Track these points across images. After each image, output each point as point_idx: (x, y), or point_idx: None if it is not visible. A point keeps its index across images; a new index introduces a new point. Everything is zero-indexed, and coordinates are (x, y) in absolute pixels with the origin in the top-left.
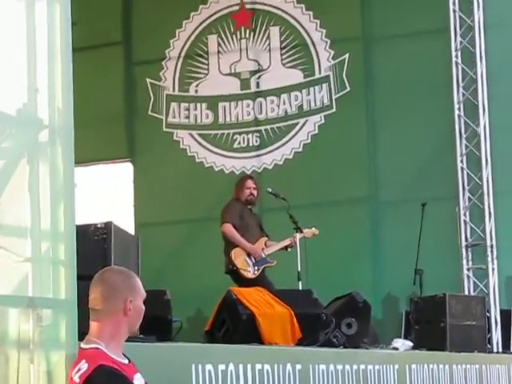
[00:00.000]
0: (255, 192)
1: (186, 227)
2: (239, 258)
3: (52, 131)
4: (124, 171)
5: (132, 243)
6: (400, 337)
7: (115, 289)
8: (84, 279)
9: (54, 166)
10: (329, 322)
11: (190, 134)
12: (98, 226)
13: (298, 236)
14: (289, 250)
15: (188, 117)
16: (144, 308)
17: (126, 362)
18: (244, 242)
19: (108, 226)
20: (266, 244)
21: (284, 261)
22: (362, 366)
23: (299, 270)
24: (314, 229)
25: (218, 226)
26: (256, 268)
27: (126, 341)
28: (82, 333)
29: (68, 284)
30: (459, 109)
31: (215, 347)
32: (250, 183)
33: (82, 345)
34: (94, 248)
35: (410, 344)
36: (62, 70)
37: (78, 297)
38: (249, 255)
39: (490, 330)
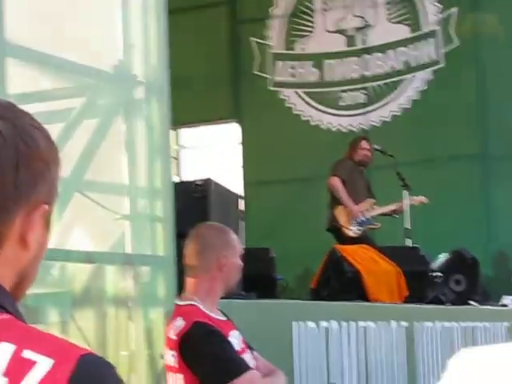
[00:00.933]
0: (369, 153)
1: (294, 185)
2: (343, 215)
3: (147, 88)
4: (231, 131)
5: (232, 200)
6: (511, 294)
7: (209, 245)
8: (184, 236)
9: (149, 122)
10: (436, 279)
11: (296, 92)
12: (198, 183)
13: (406, 201)
14: (395, 216)
15: (294, 75)
16: (241, 264)
17: (223, 318)
18: (347, 198)
19: (207, 182)
20: (372, 206)
21: (391, 219)
22: (470, 324)
23: (408, 227)
24: (422, 197)
25: (325, 185)
26: (359, 228)
27: (228, 297)
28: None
29: (166, 241)
30: None
31: (318, 304)
32: (364, 144)
33: (178, 301)
34: (194, 205)
35: None
36: (157, 27)
37: (178, 254)
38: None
39: None
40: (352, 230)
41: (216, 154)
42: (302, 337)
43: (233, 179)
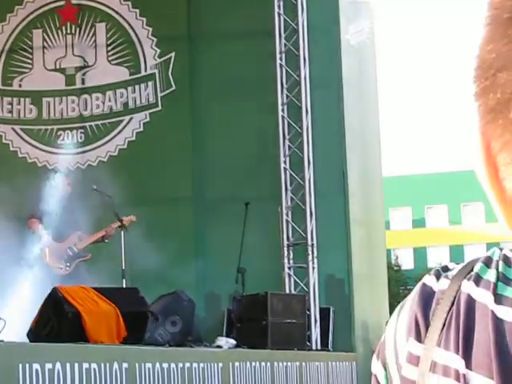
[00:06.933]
0: (70, 188)
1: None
2: (48, 255)
3: None
4: None
5: None
6: (222, 335)
7: None
8: None
9: None
10: (154, 320)
11: (13, 129)
12: None
13: (114, 225)
14: (106, 241)
15: (11, 111)
16: None
17: None
18: (47, 240)
19: None
20: (80, 238)
21: (108, 258)
22: (188, 365)
23: (123, 267)
24: (131, 216)
25: None
26: (68, 264)
27: None
28: None
29: None
30: (283, 110)
31: (42, 346)
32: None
33: None
34: None
35: (234, 342)
36: None
37: None
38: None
39: (309, 328)
40: (62, 268)
41: None
42: (27, 380)
43: None
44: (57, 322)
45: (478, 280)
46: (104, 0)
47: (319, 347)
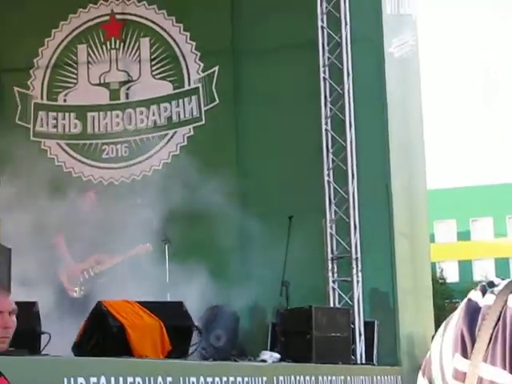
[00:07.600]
0: (94, 202)
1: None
2: (65, 276)
3: None
4: None
5: (3, 254)
6: (266, 348)
7: None
8: None
9: None
10: (199, 334)
11: (58, 144)
12: None
13: (133, 252)
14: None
15: (56, 126)
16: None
17: None
18: (67, 260)
19: None
20: (97, 262)
21: (153, 272)
22: (232, 379)
23: (167, 281)
24: (148, 245)
25: None
26: (82, 288)
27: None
28: None
29: None
30: (326, 123)
31: (86, 360)
32: (91, 195)
33: None
34: None
35: (278, 356)
36: None
37: None
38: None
39: (354, 342)
40: (76, 292)
41: None
42: None
43: None
44: (101, 335)
45: None
46: (148, 15)
47: (364, 361)
